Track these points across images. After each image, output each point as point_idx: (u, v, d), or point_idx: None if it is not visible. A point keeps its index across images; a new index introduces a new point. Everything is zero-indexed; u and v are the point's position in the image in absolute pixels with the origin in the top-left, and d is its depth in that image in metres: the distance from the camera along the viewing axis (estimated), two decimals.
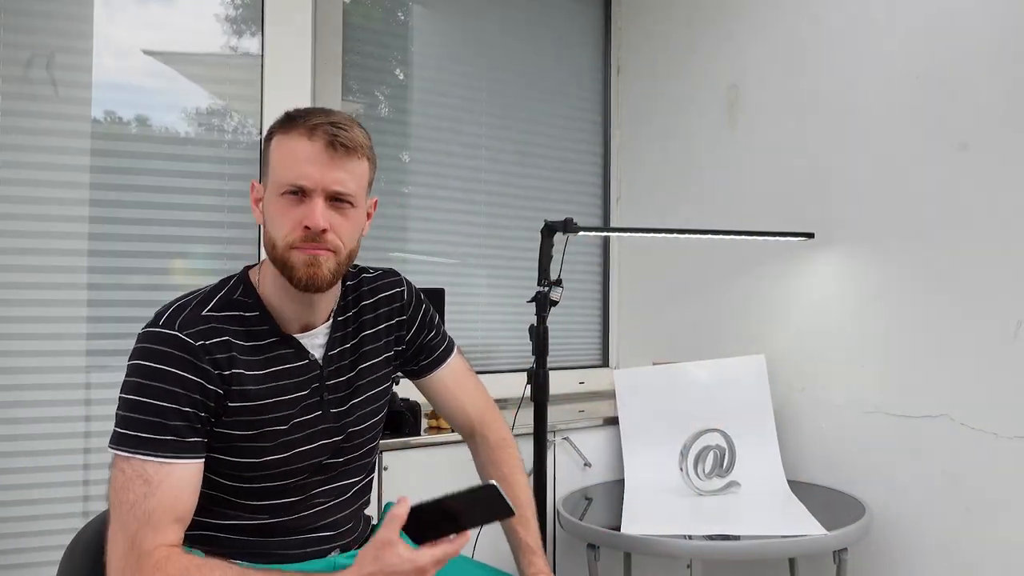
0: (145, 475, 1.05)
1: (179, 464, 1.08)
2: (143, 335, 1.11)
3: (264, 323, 1.17)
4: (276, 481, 1.18)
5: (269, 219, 1.14)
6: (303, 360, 1.20)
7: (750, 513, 1.84)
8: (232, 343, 1.13)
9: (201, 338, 1.10)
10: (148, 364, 1.08)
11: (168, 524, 1.06)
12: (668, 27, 2.66)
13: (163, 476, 1.06)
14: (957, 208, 1.84)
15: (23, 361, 1.75)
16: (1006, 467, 1.74)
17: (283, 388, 1.17)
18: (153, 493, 1.05)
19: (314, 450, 1.21)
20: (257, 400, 1.15)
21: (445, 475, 1.95)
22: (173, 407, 1.08)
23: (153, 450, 1.06)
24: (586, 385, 2.75)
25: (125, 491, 1.05)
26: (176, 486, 1.07)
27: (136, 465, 1.06)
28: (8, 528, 1.72)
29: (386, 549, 1.03)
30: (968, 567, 1.81)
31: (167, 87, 1.92)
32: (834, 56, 2.11)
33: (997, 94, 1.77)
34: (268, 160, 1.15)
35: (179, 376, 1.08)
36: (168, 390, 1.08)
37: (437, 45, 2.55)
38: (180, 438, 1.08)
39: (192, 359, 1.09)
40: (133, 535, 1.03)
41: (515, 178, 2.66)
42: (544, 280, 1.80)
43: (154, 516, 1.04)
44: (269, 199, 1.14)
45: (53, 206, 1.78)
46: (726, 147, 2.43)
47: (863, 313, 2.03)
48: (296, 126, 1.12)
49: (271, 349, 1.17)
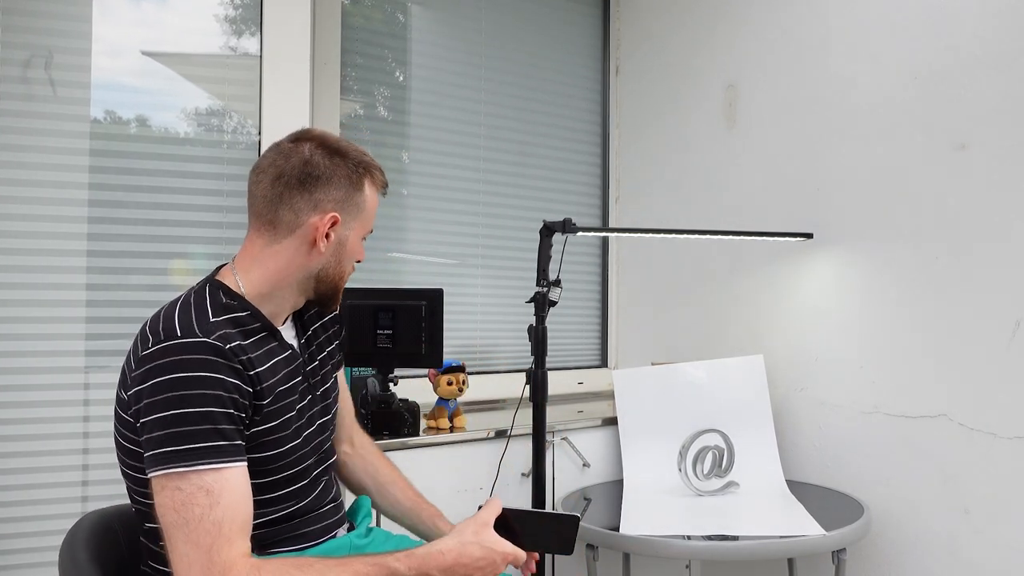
0: (205, 486, 1.04)
1: (233, 468, 1.08)
2: (164, 350, 1.09)
3: (256, 320, 1.21)
4: (292, 469, 1.23)
5: (349, 253, 1.28)
6: (288, 351, 1.26)
7: (749, 513, 1.84)
8: (243, 344, 1.16)
9: (224, 342, 1.12)
10: (186, 375, 1.07)
11: (237, 533, 1.05)
12: (667, 28, 2.67)
13: (222, 483, 1.06)
14: (956, 208, 1.84)
15: (22, 361, 1.75)
16: (1005, 467, 1.74)
17: (285, 377, 1.22)
18: (217, 502, 1.04)
19: (314, 432, 1.29)
20: (273, 394, 1.19)
21: (443, 476, 1.95)
22: (220, 411, 1.08)
23: (210, 458, 1.06)
24: (585, 385, 2.75)
25: (187, 508, 1.03)
26: (236, 491, 1.07)
27: (193, 478, 1.04)
28: (7, 528, 1.72)
29: (485, 528, 1.18)
30: (967, 567, 1.81)
31: (166, 87, 1.92)
32: (833, 56, 2.12)
33: (996, 94, 1.77)
34: (362, 205, 1.26)
35: (220, 380, 1.09)
36: (214, 395, 1.08)
37: (436, 45, 2.55)
38: (230, 441, 1.08)
39: (227, 362, 1.10)
40: (208, 549, 1.02)
41: (514, 178, 2.67)
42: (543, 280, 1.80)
43: (224, 526, 1.04)
44: (355, 239, 1.28)
45: (52, 206, 1.78)
46: (725, 147, 2.43)
47: (862, 313, 2.04)
48: (382, 184, 1.29)
49: (265, 343, 1.21)
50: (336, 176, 1.22)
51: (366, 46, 2.40)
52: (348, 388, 1.54)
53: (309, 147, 1.23)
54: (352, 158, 1.24)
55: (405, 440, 1.88)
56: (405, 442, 1.89)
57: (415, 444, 1.90)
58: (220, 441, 1.07)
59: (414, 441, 1.90)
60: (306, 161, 1.21)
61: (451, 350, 2.46)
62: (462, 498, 1.92)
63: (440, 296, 1.95)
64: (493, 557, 1.16)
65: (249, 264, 1.23)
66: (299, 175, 1.21)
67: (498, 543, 1.17)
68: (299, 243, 1.22)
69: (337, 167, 1.22)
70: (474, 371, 2.53)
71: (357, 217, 1.26)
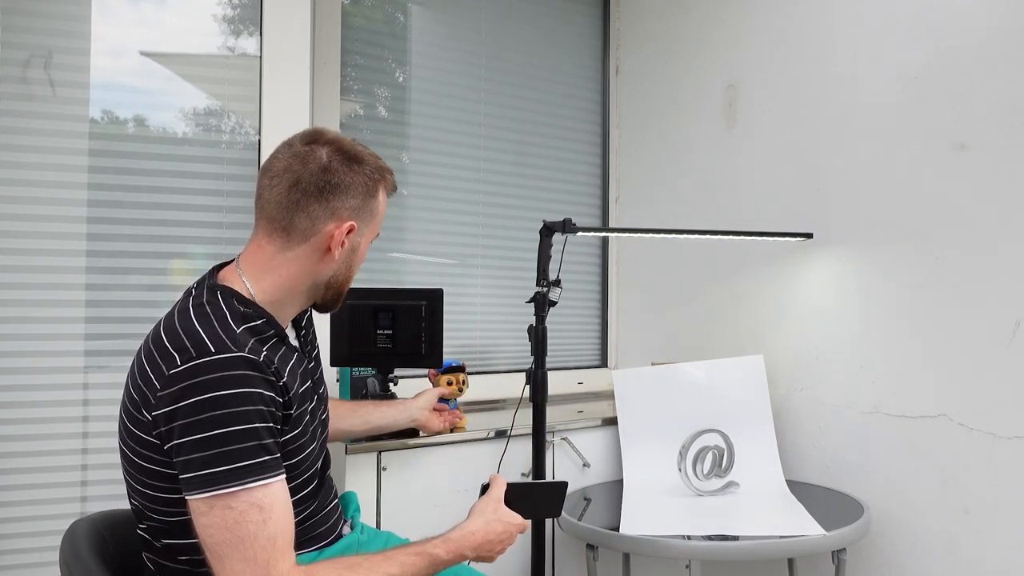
0: (257, 502, 1.04)
1: (279, 481, 1.08)
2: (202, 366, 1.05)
3: (270, 328, 1.19)
4: (309, 471, 1.25)
5: (359, 260, 1.30)
6: (295, 353, 1.26)
7: (749, 513, 1.84)
8: (268, 355, 1.14)
9: (256, 354, 1.10)
10: (227, 392, 1.05)
11: (287, 545, 1.06)
12: (667, 27, 2.66)
13: (272, 498, 1.06)
14: (955, 208, 1.84)
15: (21, 361, 1.75)
16: (1004, 467, 1.74)
17: (301, 382, 1.23)
18: (270, 517, 1.04)
19: (320, 430, 1.32)
20: (298, 399, 1.19)
21: (443, 476, 1.95)
22: (263, 426, 1.07)
23: (258, 475, 1.05)
24: (585, 385, 2.75)
25: (241, 526, 1.03)
26: (283, 504, 1.07)
27: (244, 496, 1.03)
28: (7, 528, 1.72)
29: (500, 505, 1.32)
30: (967, 567, 1.81)
31: (165, 87, 1.92)
32: (833, 56, 2.11)
33: (995, 94, 1.77)
34: (375, 211, 1.27)
35: (260, 394, 1.08)
36: (256, 410, 1.07)
37: (436, 46, 2.55)
38: (273, 455, 1.08)
39: (262, 375, 1.09)
40: (266, 565, 1.03)
41: (514, 178, 2.66)
42: (543, 280, 1.80)
43: (278, 540, 1.04)
44: (366, 244, 1.30)
45: (51, 206, 1.78)
46: (725, 147, 2.43)
47: (862, 313, 2.03)
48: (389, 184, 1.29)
49: (279, 349, 1.20)
50: (355, 185, 1.21)
51: (366, 46, 2.40)
52: None
53: (327, 152, 1.20)
54: (369, 165, 1.24)
55: (405, 440, 1.88)
56: (405, 442, 1.88)
57: (415, 444, 1.90)
58: (265, 456, 1.06)
59: (414, 441, 1.90)
60: (324, 168, 1.19)
61: (451, 350, 2.46)
62: (462, 498, 1.91)
63: (440, 296, 1.95)
64: (511, 530, 1.32)
65: (260, 270, 1.20)
66: (318, 183, 1.18)
67: (513, 517, 1.32)
68: (312, 250, 1.20)
69: (356, 175, 1.21)
70: (474, 371, 2.53)
71: (370, 223, 1.27)
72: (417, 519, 1.85)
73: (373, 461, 1.85)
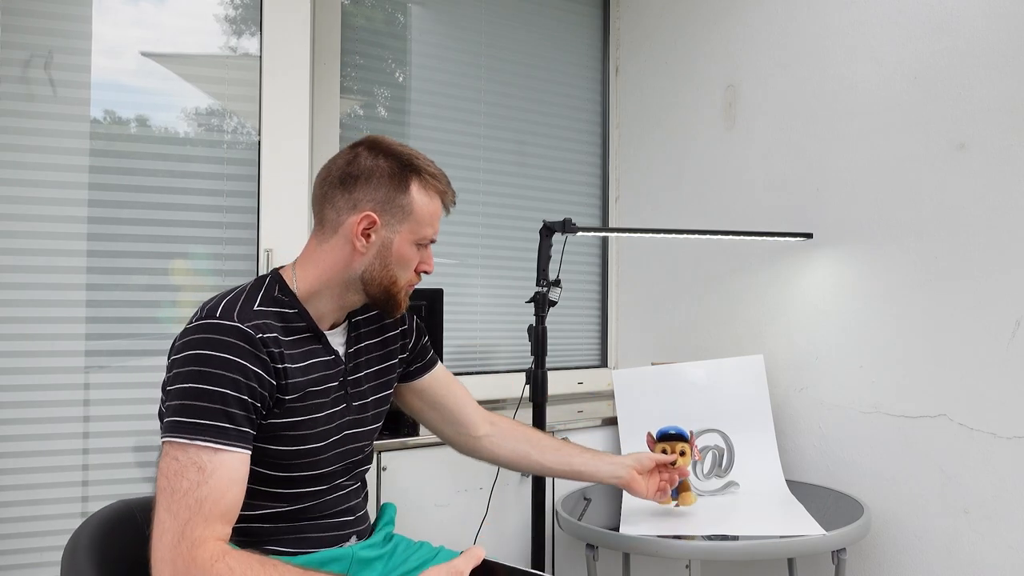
0: (200, 462, 1.07)
1: (232, 453, 1.10)
2: (199, 327, 1.13)
3: (301, 319, 1.24)
4: (310, 470, 1.25)
5: (397, 259, 1.27)
6: (331, 355, 1.28)
7: (749, 513, 1.84)
8: (280, 338, 1.19)
9: (258, 331, 1.15)
10: (211, 353, 1.11)
11: (217, 516, 1.07)
12: (666, 28, 2.67)
13: (216, 464, 1.08)
14: (955, 208, 1.84)
15: (22, 361, 1.75)
16: (1004, 467, 1.74)
17: (318, 380, 1.24)
18: (206, 481, 1.06)
19: (341, 439, 1.30)
20: (301, 391, 1.21)
21: (443, 476, 1.95)
22: (234, 395, 1.11)
23: (211, 437, 1.08)
24: (585, 385, 2.75)
25: (178, 478, 1.06)
26: (227, 476, 1.09)
27: (192, 452, 1.07)
28: (7, 529, 1.72)
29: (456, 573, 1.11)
30: (967, 567, 1.81)
31: (166, 87, 1.92)
32: (832, 56, 2.11)
33: (995, 94, 1.77)
34: (408, 208, 1.25)
35: (241, 365, 1.12)
36: (231, 378, 1.11)
37: (436, 46, 2.55)
38: (236, 426, 1.11)
39: (253, 349, 1.13)
40: (184, 524, 1.04)
41: (514, 178, 2.66)
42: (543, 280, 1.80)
43: (205, 505, 1.06)
44: (402, 243, 1.26)
45: (52, 206, 1.78)
46: (724, 147, 2.43)
47: (861, 313, 2.03)
48: (438, 190, 1.28)
49: (306, 343, 1.24)
50: (376, 175, 1.23)
51: (366, 46, 2.40)
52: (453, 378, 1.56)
53: (362, 148, 1.25)
54: (399, 158, 1.24)
55: (405, 440, 1.88)
56: (405, 442, 1.89)
57: (414, 444, 1.90)
58: (226, 423, 1.10)
59: (414, 441, 1.90)
60: (350, 161, 1.24)
61: (451, 350, 2.47)
62: (462, 498, 1.92)
63: (440, 296, 1.95)
64: None
65: (304, 263, 1.27)
66: (340, 174, 1.24)
67: None
68: (343, 243, 1.24)
69: (378, 166, 1.23)
70: (474, 371, 2.53)
71: (404, 220, 1.25)
72: (417, 519, 1.86)
73: (373, 461, 1.85)
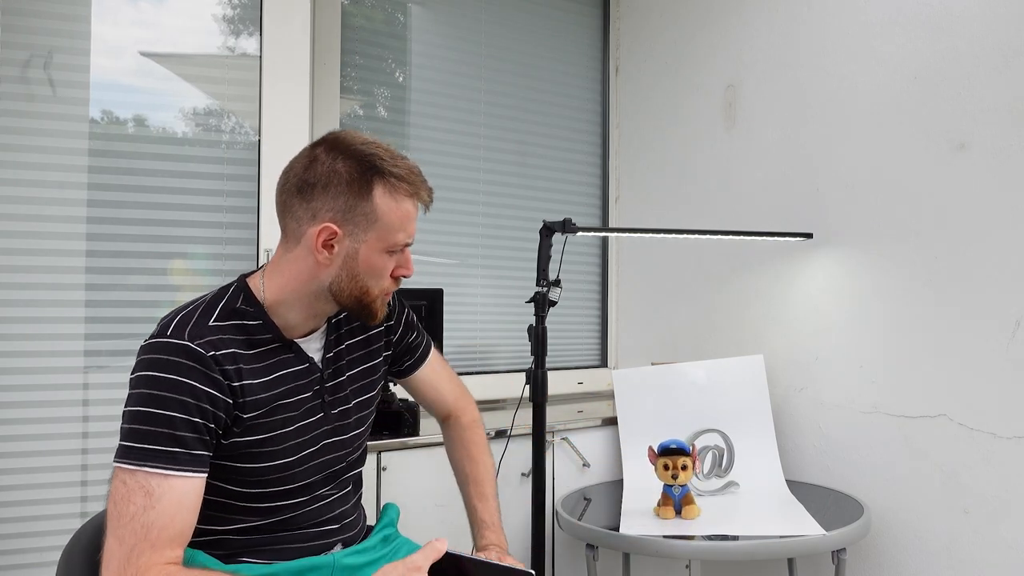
0: (147, 487, 1.03)
1: (182, 478, 1.06)
2: (149, 346, 1.09)
3: (267, 331, 1.18)
4: (283, 485, 1.20)
5: (366, 269, 1.17)
6: (304, 364, 1.22)
7: (749, 513, 1.84)
8: (238, 353, 1.13)
9: (211, 348, 1.10)
10: (158, 375, 1.07)
11: (165, 542, 1.03)
12: (666, 28, 2.66)
13: (165, 489, 1.04)
14: (955, 208, 1.84)
15: (21, 362, 1.75)
16: (1004, 466, 1.74)
17: (287, 392, 1.19)
18: (153, 506, 1.03)
19: (318, 451, 1.24)
20: (265, 407, 1.15)
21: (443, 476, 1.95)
22: (184, 418, 1.06)
23: (159, 462, 1.04)
24: (585, 385, 2.75)
25: (125, 503, 1.03)
26: (177, 501, 1.05)
27: (140, 477, 1.04)
28: (7, 529, 1.72)
29: (416, 573, 1.06)
30: (967, 567, 1.81)
31: (165, 87, 1.92)
32: (832, 56, 2.11)
33: (995, 94, 1.77)
34: (372, 215, 1.14)
35: (191, 386, 1.07)
36: (179, 400, 1.06)
37: (436, 46, 2.55)
38: (187, 450, 1.06)
39: (204, 369, 1.08)
40: (130, 550, 1.01)
41: (514, 178, 2.66)
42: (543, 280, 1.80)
43: (152, 531, 1.02)
44: (371, 252, 1.16)
45: (51, 206, 1.78)
46: (724, 147, 2.43)
47: (861, 313, 2.03)
48: (407, 192, 1.16)
49: (274, 355, 1.18)
50: (333, 183, 1.12)
51: (366, 46, 2.40)
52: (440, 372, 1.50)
53: (321, 150, 1.15)
54: (360, 160, 1.13)
55: (405, 440, 1.88)
56: (405, 442, 1.89)
57: (414, 444, 1.90)
58: (175, 448, 1.05)
59: (414, 441, 1.90)
60: (307, 166, 1.14)
61: (451, 350, 2.46)
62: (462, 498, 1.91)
63: (440, 296, 1.95)
64: None
65: (272, 271, 1.20)
66: (297, 182, 1.14)
67: None
68: (306, 254, 1.16)
69: (335, 171, 1.12)
70: (474, 371, 2.53)
71: (369, 229, 1.15)
72: (417, 519, 1.86)
73: (373, 461, 1.85)
